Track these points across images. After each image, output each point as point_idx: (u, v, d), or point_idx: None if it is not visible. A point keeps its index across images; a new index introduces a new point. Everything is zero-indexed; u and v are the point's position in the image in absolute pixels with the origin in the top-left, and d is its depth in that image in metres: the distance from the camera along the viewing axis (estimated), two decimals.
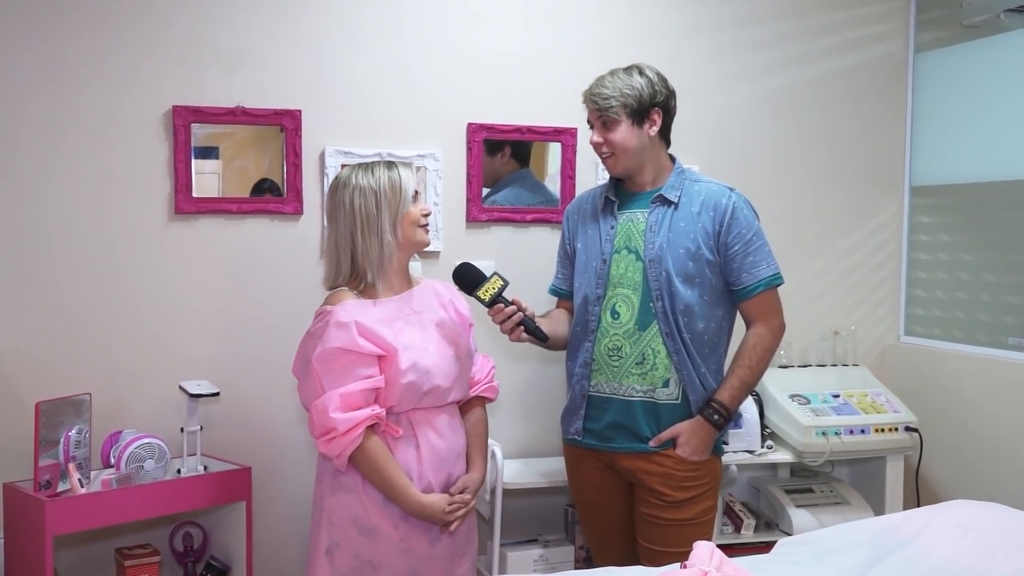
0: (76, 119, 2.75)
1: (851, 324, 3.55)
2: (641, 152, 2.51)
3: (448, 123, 3.08)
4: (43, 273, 2.74)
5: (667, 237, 2.46)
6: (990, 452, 3.19)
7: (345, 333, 2.26)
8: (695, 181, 2.55)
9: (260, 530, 2.86)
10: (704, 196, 2.50)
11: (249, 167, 2.96)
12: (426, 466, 2.34)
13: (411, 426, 2.35)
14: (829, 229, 3.56)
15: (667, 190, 2.51)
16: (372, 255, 2.34)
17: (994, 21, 3.29)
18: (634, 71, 2.51)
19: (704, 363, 2.48)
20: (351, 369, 2.26)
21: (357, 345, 2.26)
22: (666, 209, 2.50)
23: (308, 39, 2.94)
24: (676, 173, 2.55)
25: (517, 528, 3.15)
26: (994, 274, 3.30)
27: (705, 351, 2.48)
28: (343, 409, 2.23)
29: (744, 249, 2.47)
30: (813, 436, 3.08)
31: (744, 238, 2.47)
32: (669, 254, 2.45)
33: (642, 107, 2.48)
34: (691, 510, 2.48)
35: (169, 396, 2.78)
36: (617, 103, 2.46)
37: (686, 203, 2.49)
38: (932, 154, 3.55)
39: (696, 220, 2.47)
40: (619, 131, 2.48)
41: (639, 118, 2.48)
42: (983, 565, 1.98)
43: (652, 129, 2.50)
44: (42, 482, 2.43)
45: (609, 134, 2.49)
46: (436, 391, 2.36)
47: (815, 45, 3.50)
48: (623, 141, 2.48)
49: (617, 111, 2.46)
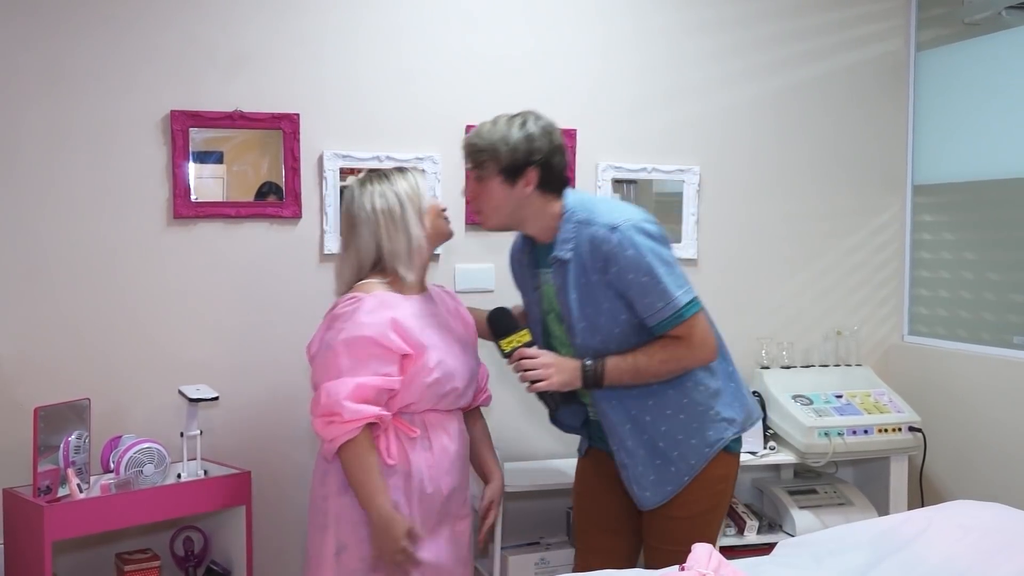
0: (75, 124, 2.76)
1: (854, 324, 3.53)
2: (518, 209, 2.30)
3: (446, 126, 3.08)
4: (42, 278, 2.75)
5: (573, 299, 2.29)
6: (995, 452, 3.17)
7: (378, 324, 2.25)
8: (587, 224, 2.25)
9: (260, 534, 2.86)
10: (589, 243, 2.24)
11: (249, 171, 2.97)
12: (436, 469, 2.34)
13: (425, 427, 2.34)
14: (831, 228, 3.54)
15: (558, 247, 2.29)
16: (400, 250, 2.33)
17: (995, 18, 3.27)
18: (515, 123, 2.28)
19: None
20: (373, 362, 2.24)
21: (388, 339, 2.25)
22: (564, 268, 2.28)
23: (306, 43, 2.94)
24: (565, 222, 2.29)
25: (518, 531, 3.14)
26: (998, 273, 3.28)
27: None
28: (354, 399, 2.21)
29: (638, 294, 2.23)
30: (816, 437, 3.07)
31: (634, 282, 2.21)
32: (581, 317, 2.31)
33: (515, 165, 2.26)
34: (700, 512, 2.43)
35: (168, 401, 2.78)
36: (488, 158, 2.27)
37: (580, 254, 2.26)
38: (934, 152, 3.53)
39: (590, 274, 2.26)
40: (489, 188, 2.29)
41: (511, 176, 2.27)
42: (984, 565, 1.96)
43: (527, 188, 2.28)
44: (41, 487, 2.43)
45: (480, 190, 2.31)
46: (454, 393, 2.37)
47: (815, 44, 3.49)
48: (493, 199, 2.30)
49: (488, 167, 2.28)
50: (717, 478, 2.39)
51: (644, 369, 2.28)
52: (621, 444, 2.37)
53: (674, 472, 2.35)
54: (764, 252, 3.47)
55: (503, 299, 2.51)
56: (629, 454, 2.36)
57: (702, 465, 2.35)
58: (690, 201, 3.34)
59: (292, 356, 2.94)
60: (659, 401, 2.33)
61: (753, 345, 3.39)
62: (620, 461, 2.38)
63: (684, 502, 2.37)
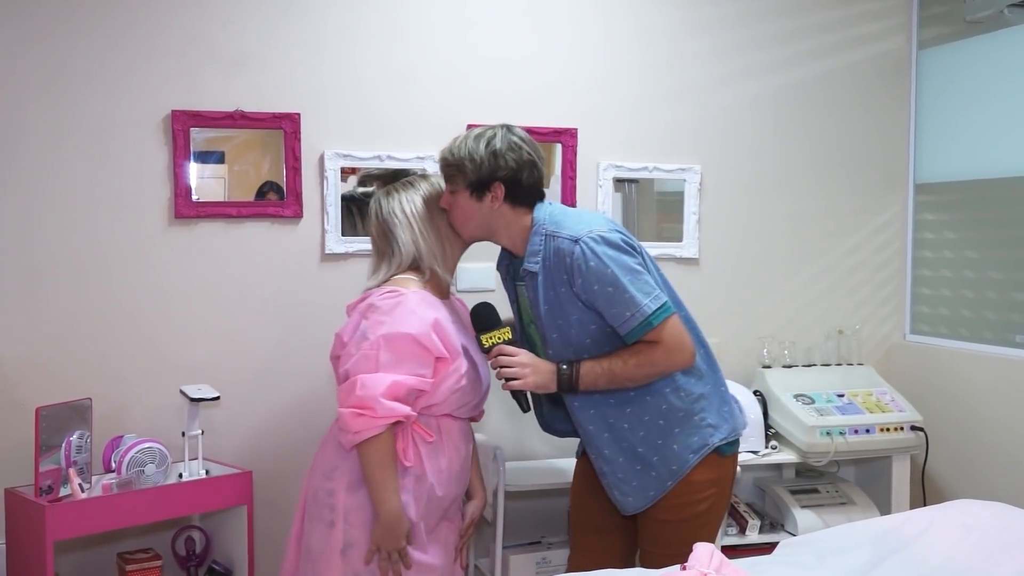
0: (75, 124, 2.75)
1: (856, 323, 3.53)
2: (488, 222, 2.34)
3: (448, 125, 3.06)
4: (43, 278, 2.75)
5: (544, 311, 2.30)
6: (997, 451, 3.17)
7: (422, 323, 2.25)
8: (552, 237, 2.27)
9: (262, 534, 2.85)
10: (555, 255, 2.26)
11: (250, 171, 2.96)
12: (447, 475, 2.34)
13: (439, 432, 2.35)
14: (833, 227, 3.54)
15: (528, 260, 2.30)
16: (436, 250, 2.37)
17: (997, 16, 3.26)
18: (483, 139, 2.29)
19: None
20: (412, 360, 2.24)
21: (429, 340, 2.25)
22: (535, 280, 2.30)
23: (307, 42, 2.94)
24: (534, 235, 2.30)
25: (519, 531, 3.14)
26: (1000, 271, 3.28)
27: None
28: (389, 396, 2.21)
29: (605, 303, 2.23)
30: (818, 436, 3.06)
31: (599, 293, 2.22)
32: (553, 328, 2.32)
33: (480, 181, 2.29)
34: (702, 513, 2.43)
35: (170, 400, 2.78)
36: (456, 172, 2.31)
37: (549, 266, 2.27)
38: (936, 151, 3.53)
39: (558, 286, 2.27)
40: (459, 201, 2.33)
41: (477, 191, 2.30)
42: (986, 565, 1.96)
43: (494, 203, 2.30)
44: (43, 487, 2.43)
45: (452, 202, 2.36)
46: (472, 402, 2.40)
47: (817, 42, 3.48)
48: (463, 212, 2.34)
49: (457, 181, 2.31)
50: (706, 482, 2.36)
51: (619, 373, 2.27)
52: (599, 453, 2.37)
53: (655, 477, 2.34)
54: (766, 251, 3.47)
55: (503, 300, 2.51)
56: (607, 461, 2.37)
57: (685, 470, 2.33)
58: (691, 200, 3.34)
59: (294, 356, 2.95)
60: (637, 409, 2.33)
61: (754, 344, 3.38)
62: (599, 469, 2.39)
63: (672, 506, 2.36)
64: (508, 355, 2.30)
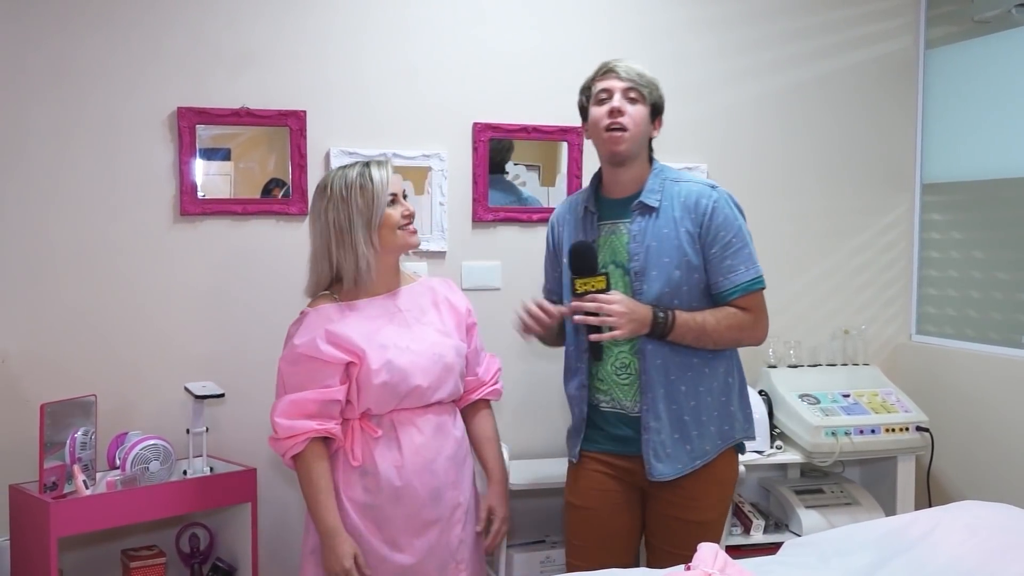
0: (81, 122, 2.76)
1: (861, 323, 3.52)
2: (641, 146, 2.42)
3: (453, 123, 3.07)
4: (49, 275, 2.75)
5: (651, 247, 2.35)
6: (1003, 452, 3.16)
7: (311, 339, 2.29)
8: (676, 181, 2.41)
9: (265, 532, 2.85)
10: (684, 196, 2.37)
11: (256, 168, 2.97)
12: (408, 468, 2.32)
13: (393, 427, 2.34)
14: (839, 227, 3.53)
15: (647, 195, 2.38)
16: (348, 267, 2.33)
17: (1005, 16, 3.25)
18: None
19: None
20: (313, 375, 2.29)
21: (320, 352, 2.28)
22: (647, 217, 2.37)
23: (312, 40, 2.94)
24: (655, 175, 2.42)
25: (524, 529, 3.13)
26: (1007, 272, 3.27)
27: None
28: (289, 415, 2.28)
29: (722, 252, 2.34)
30: (823, 436, 3.06)
31: (723, 240, 2.34)
32: (655, 266, 2.34)
33: (657, 107, 2.44)
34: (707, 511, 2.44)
35: (174, 398, 2.78)
36: (646, 88, 2.40)
37: (667, 206, 2.37)
38: (943, 151, 3.52)
39: (679, 224, 2.35)
40: (639, 111, 2.39)
41: (653, 114, 2.44)
42: (991, 566, 1.95)
43: (654, 131, 2.46)
44: (47, 484, 2.44)
45: (633, 110, 2.39)
46: (416, 391, 2.33)
47: (824, 42, 3.47)
48: (639, 123, 2.38)
49: (645, 94, 2.40)
50: (726, 480, 2.43)
51: (710, 331, 2.33)
52: (652, 406, 2.37)
53: (689, 451, 2.38)
54: (771, 250, 3.43)
55: (509, 297, 2.50)
56: (656, 417, 2.37)
57: (714, 454, 2.40)
58: None
59: None
60: (696, 376, 2.38)
61: None
62: (645, 423, 2.38)
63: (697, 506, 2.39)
64: (605, 303, 2.27)
